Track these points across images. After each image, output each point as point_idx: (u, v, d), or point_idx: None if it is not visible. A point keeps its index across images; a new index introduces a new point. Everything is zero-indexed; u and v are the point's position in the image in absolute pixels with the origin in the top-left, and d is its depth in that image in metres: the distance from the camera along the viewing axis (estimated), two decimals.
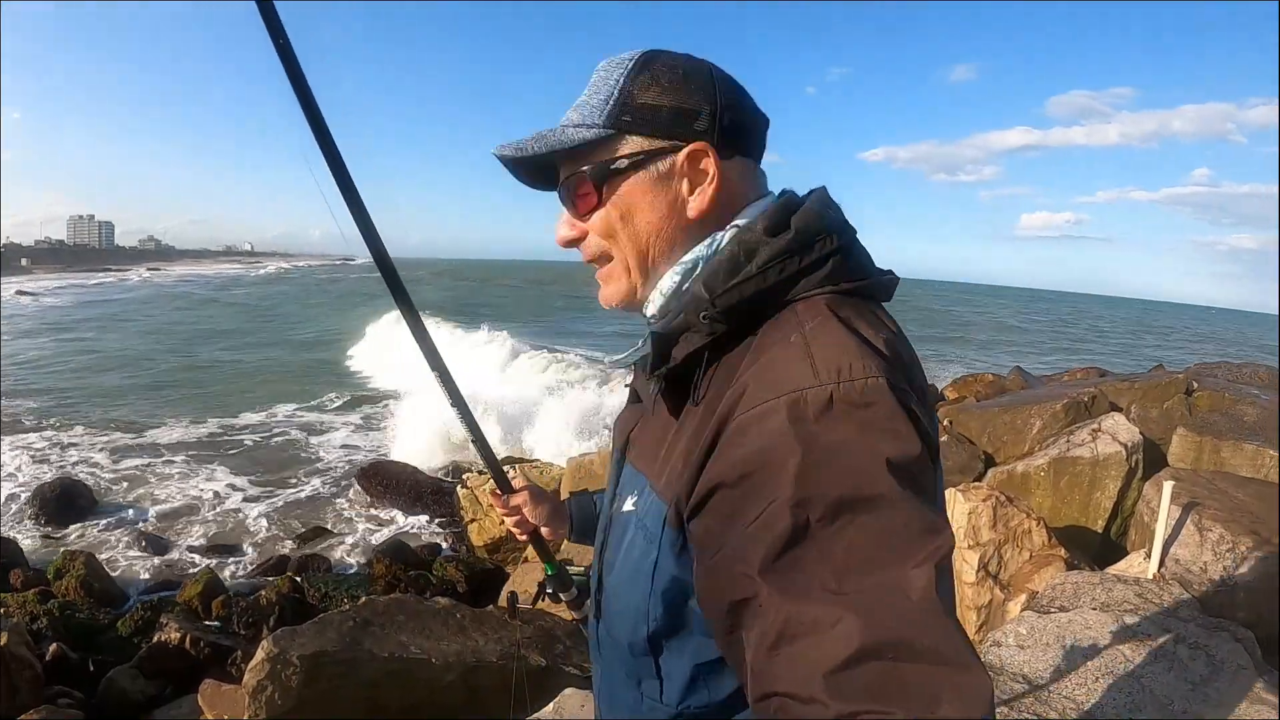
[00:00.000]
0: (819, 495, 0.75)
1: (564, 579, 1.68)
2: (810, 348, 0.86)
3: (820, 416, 0.79)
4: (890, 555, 0.72)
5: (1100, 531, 6.13)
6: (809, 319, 0.90)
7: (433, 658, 4.81)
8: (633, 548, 1.05)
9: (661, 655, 1.03)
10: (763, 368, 0.88)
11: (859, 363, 0.83)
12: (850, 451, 0.77)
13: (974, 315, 74.84)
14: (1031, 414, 7.52)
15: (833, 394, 0.80)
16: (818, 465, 0.77)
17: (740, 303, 0.94)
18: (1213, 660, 3.52)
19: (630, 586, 1.04)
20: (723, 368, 0.96)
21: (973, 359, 32.94)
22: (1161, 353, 37.53)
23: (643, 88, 1.01)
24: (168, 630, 6.50)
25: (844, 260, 0.97)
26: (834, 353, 0.84)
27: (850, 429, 0.78)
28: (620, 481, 1.18)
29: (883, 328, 0.92)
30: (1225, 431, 6.40)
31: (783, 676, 0.70)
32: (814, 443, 0.78)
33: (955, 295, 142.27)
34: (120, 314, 43.65)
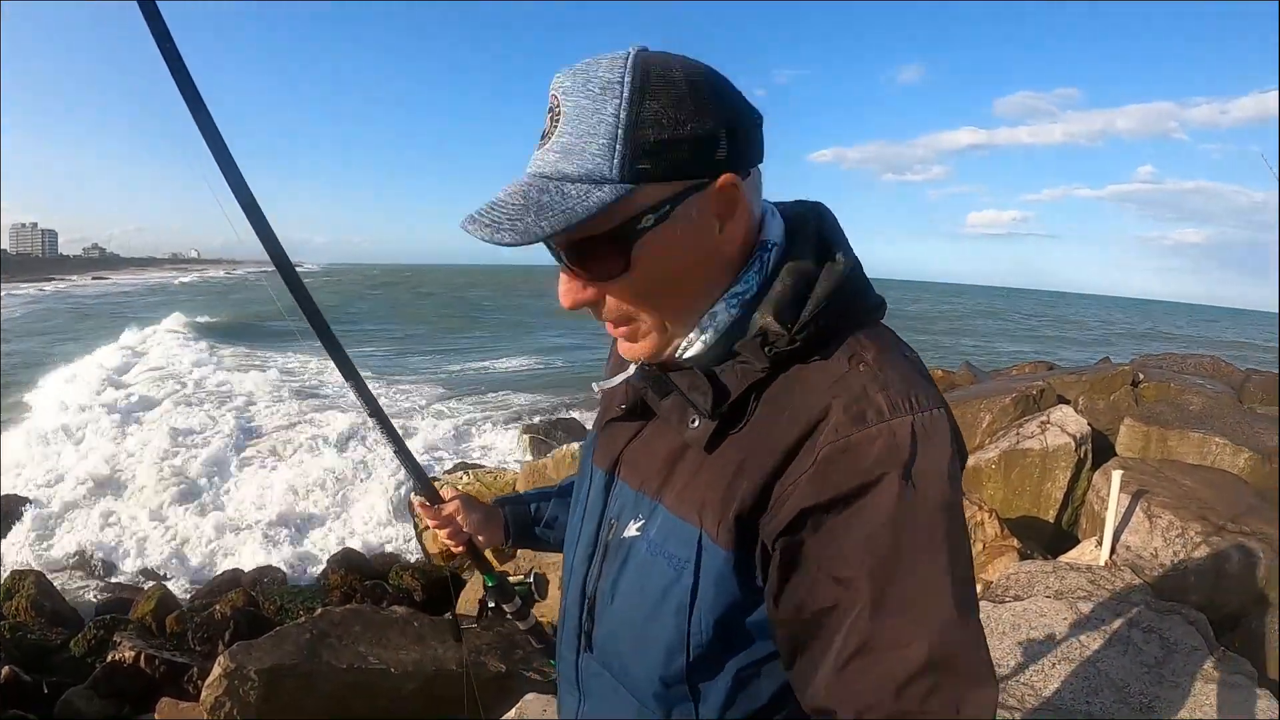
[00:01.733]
0: (914, 523, 0.82)
1: (505, 589, 1.65)
2: (883, 378, 0.88)
3: (908, 447, 0.84)
4: (956, 585, 0.81)
5: (1052, 521, 6.22)
6: (865, 350, 0.92)
7: (392, 667, 4.75)
8: (650, 577, 0.98)
9: (697, 678, 0.98)
10: (842, 398, 0.88)
11: (923, 394, 0.89)
12: (934, 483, 0.84)
13: (922, 312, 75.70)
14: (981, 408, 7.62)
15: (914, 425, 0.85)
16: (912, 495, 0.83)
17: (814, 335, 0.91)
18: (1166, 643, 3.59)
19: (653, 620, 0.98)
20: (773, 392, 0.93)
21: (922, 355, 33.36)
22: (1109, 347, 38.16)
23: (652, 121, 0.85)
24: (122, 649, 6.35)
25: (869, 289, 0.99)
26: (903, 384, 0.88)
27: (932, 461, 0.85)
28: (612, 504, 1.10)
29: (909, 349, 0.98)
30: (1172, 421, 6.53)
31: (856, 686, 0.81)
32: (907, 472, 0.83)
33: (904, 293, 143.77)
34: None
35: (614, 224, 0.87)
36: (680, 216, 0.89)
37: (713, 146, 0.87)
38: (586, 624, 1.08)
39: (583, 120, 0.86)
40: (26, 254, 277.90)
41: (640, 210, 0.87)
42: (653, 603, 0.98)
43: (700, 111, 0.86)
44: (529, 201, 0.86)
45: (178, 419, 15.63)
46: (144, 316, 37.14)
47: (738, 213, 0.92)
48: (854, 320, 0.94)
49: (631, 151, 0.84)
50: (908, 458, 0.83)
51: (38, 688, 6.12)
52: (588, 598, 1.09)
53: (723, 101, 0.88)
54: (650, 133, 0.84)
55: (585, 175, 0.85)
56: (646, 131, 0.84)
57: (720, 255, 0.94)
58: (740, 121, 0.90)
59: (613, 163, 0.84)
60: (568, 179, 0.86)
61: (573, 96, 0.86)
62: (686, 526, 0.95)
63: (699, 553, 0.93)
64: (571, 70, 0.88)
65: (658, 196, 0.87)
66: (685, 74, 0.87)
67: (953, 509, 0.84)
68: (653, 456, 1.04)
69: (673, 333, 0.97)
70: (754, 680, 0.98)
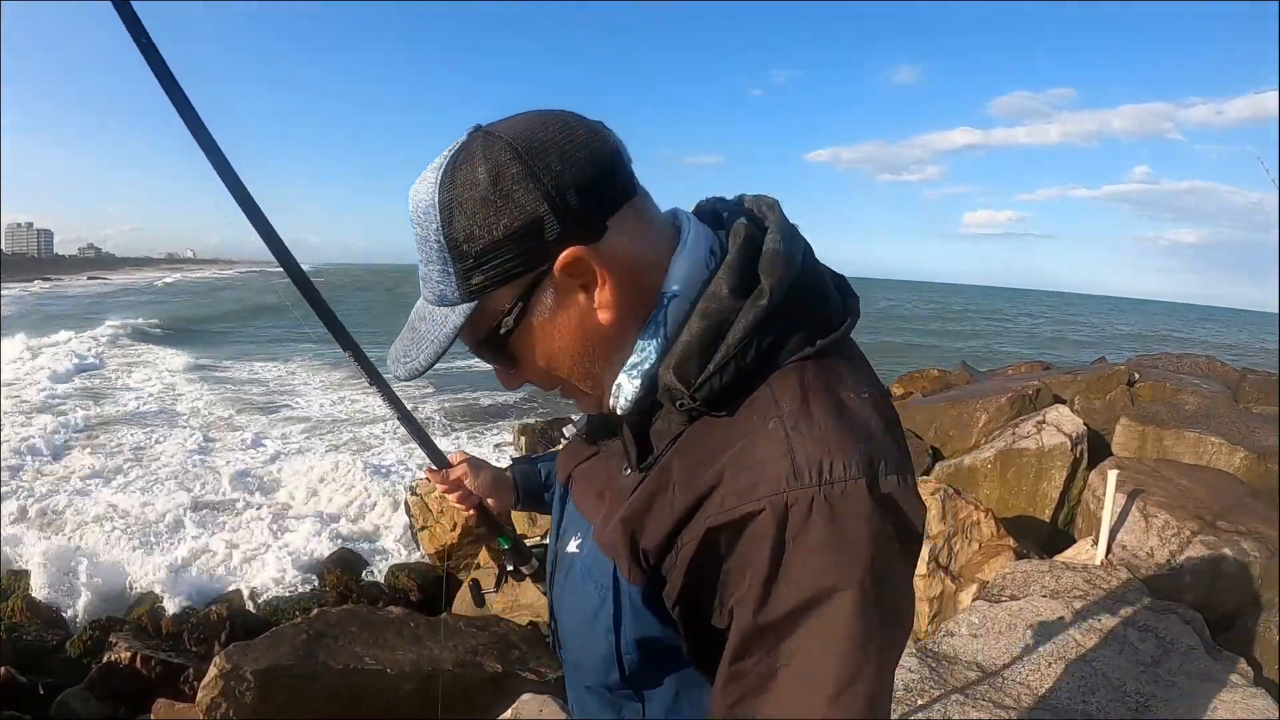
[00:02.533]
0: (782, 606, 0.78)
1: (521, 551, 1.63)
2: (790, 440, 0.81)
3: (799, 524, 0.78)
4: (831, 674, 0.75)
5: (1048, 521, 6.23)
6: (785, 398, 0.84)
7: (388, 668, 4.75)
8: (584, 595, 1.01)
9: (641, 685, 1.02)
10: (740, 461, 0.83)
11: (839, 460, 0.79)
12: (821, 566, 0.77)
13: (919, 312, 75.76)
14: (977, 408, 7.63)
15: (814, 499, 0.77)
16: (788, 578, 0.78)
17: (721, 389, 0.86)
18: (1162, 642, 3.59)
19: (590, 634, 1.01)
20: (687, 440, 0.90)
21: (918, 355, 33.34)
22: (1103, 347, 38.21)
23: (466, 235, 0.84)
24: (118, 650, 6.33)
25: (819, 308, 0.90)
26: (815, 449, 0.80)
27: (825, 538, 0.77)
28: (564, 519, 1.14)
29: (860, 386, 0.88)
30: (1167, 420, 6.54)
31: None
32: (789, 554, 0.78)
33: (900, 293, 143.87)
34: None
35: (482, 334, 0.90)
36: (537, 309, 0.88)
37: (537, 233, 0.83)
38: (554, 625, 1.15)
39: (422, 248, 0.88)
40: (22, 254, 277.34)
41: (496, 318, 0.89)
42: (587, 620, 1.00)
43: (509, 205, 0.83)
44: (414, 334, 0.93)
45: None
46: (94, 317, 36.95)
47: (601, 279, 0.86)
48: (790, 353, 0.87)
49: (461, 271, 0.86)
50: (791, 536, 0.78)
51: (34, 688, 6.10)
52: (552, 602, 1.15)
53: (538, 177, 0.82)
54: (467, 247, 0.84)
55: (439, 299, 0.90)
56: (464, 247, 0.84)
57: (603, 325, 0.89)
58: (569, 184, 0.83)
59: (452, 285, 0.87)
60: (431, 304, 0.91)
61: (413, 222, 0.88)
62: (605, 559, 0.96)
63: (615, 584, 0.95)
64: (413, 187, 0.89)
65: (507, 300, 0.87)
66: (489, 168, 0.83)
67: (857, 599, 0.76)
68: (594, 483, 1.06)
69: (597, 393, 0.96)
70: (697, 688, 1.00)
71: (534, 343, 0.91)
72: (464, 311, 0.88)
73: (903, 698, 3.14)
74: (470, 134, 0.87)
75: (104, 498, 10.97)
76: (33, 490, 11.16)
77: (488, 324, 0.89)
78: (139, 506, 10.61)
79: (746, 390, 0.86)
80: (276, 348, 29.37)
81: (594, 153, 0.85)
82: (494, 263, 0.84)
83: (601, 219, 0.86)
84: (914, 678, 3.27)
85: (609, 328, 0.89)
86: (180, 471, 12.43)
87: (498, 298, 0.87)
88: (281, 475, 12.47)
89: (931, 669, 3.34)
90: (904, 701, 3.12)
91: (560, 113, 0.88)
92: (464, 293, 0.87)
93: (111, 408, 17.34)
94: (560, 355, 0.92)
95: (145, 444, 14.01)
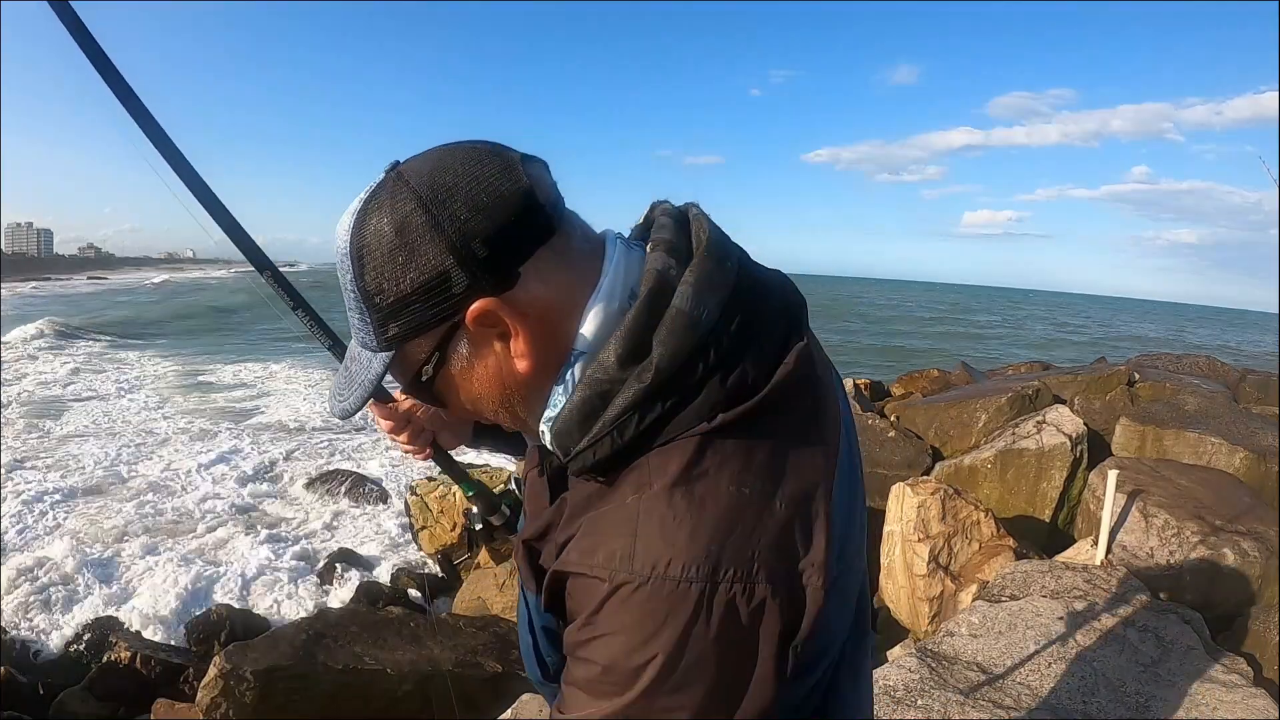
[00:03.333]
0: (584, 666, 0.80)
1: (489, 499, 1.49)
2: (638, 526, 0.78)
3: (618, 605, 0.77)
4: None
5: (1048, 521, 6.23)
6: (659, 476, 0.80)
7: (388, 668, 4.75)
8: (524, 597, 1.05)
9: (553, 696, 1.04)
10: (592, 527, 0.83)
11: (680, 560, 0.75)
12: (621, 648, 0.76)
13: (919, 312, 75.75)
14: (977, 408, 7.62)
15: (638, 587, 0.76)
16: (595, 644, 0.78)
17: (595, 463, 0.83)
18: (1162, 642, 3.59)
19: (521, 629, 1.08)
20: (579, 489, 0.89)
21: (918, 355, 33.31)
22: (1103, 347, 38.19)
23: (376, 288, 0.83)
24: (118, 649, 6.35)
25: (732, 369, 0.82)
26: (659, 542, 0.77)
27: (636, 624, 0.76)
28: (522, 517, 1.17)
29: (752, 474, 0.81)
30: (1167, 420, 6.54)
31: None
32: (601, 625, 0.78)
33: (900, 293, 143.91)
34: None
35: (406, 380, 0.92)
36: (453, 359, 0.88)
37: (444, 285, 0.81)
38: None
39: (344, 294, 0.88)
40: (21, 254, 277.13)
41: (416, 365, 0.89)
42: (521, 618, 1.07)
43: (414, 259, 0.81)
44: (345, 376, 0.96)
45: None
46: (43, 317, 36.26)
47: (515, 330, 0.84)
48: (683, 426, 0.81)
49: (376, 321, 0.86)
50: (598, 609, 0.78)
51: (33, 688, 6.10)
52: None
53: (442, 229, 0.80)
54: (379, 299, 0.84)
55: (363, 344, 0.91)
56: (376, 300, 0.84)
57: (521, 373, 0.87)
58: (474, 233, 0.80)
59: (370, 334, 0.88)
60: (358, 348, 0.93)
61: (339, 266, 0.86)
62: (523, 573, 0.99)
63: (528, 602, 1.01)
64: (335, 229, 0.87)
65: (425, 349, 0.87)
66: (393, 219, 0.81)
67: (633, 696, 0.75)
68: (533, 495, 1.06)
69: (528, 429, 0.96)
70: None
71: (455, 389, 0.92)
72: (384, 360, 0.89)
73: (903, 698, 3.14)
74: (386, 173, 0.85)
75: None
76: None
77: (410, 370, 0.90)
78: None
79: (630, 459, 0.83)
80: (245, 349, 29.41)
81: (504, 197, 0.81)
82: (405, 315, 0.84)
83: (512, 266, 0.83)
84: (914, 678, 3.27)
85: (527, 375, 0.87)
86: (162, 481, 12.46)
87: (415, 347, 0.87)
88: (280, 476, 12.48)
89: (931, 669, 3.34)
90: (904, 701, 3.12)
91: (474, 149, 0.85)
92: (380, 342, 0.88)
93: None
94: (482, 400, 0.92)
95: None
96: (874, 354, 35.07)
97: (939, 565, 5.02)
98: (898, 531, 5.31)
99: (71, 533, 9.83)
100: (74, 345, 30.09)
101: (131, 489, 11.71)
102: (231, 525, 10.47)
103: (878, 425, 7.66)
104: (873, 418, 7.96)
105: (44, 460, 12.96)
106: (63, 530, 9.95)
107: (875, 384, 11.51)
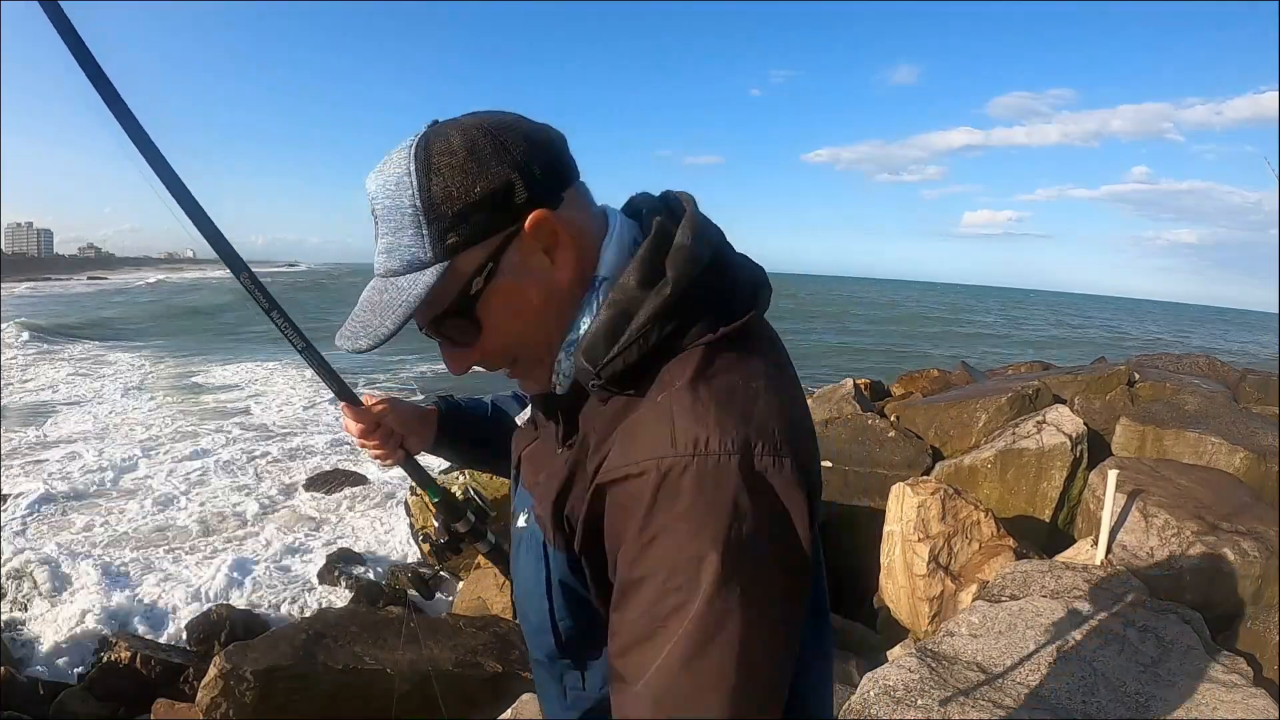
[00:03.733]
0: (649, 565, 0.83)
1: (453, 506, 1.53)
2: (673, 414, 0.87)
3: (671, 490, 0.82)
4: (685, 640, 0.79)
5: (1048, 521, 6.23)
6: (679, 377, 0.90)
7: (388, 668, 4.75)
8: (528, 564, 1.08)
9: (578, 653, 1.08)
10: (629, 432, 0.90)
11: (715, 436, 0.84)
12: (686, 532, 0.81)
13: (919, 312, 75.77)
14: (977, 408, 7.62)
15: (686, 468, 0.82)
16: (656, 539, 0.82)
17: (624, 371, 0.92)
18: (1162, 642, 3.59)
19: (533, 600, 1.07)
20: (601, 417, 0.97)
21: (918, 354, 33.31)
22: (1103, 347, 38.17)
23: (444, 196, 0.91)
24: (118, 649, 6.35)
25: (722, 301, 0.96)
26: (693, 423, 0.85)
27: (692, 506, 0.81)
28: (517, 497, 1.20)
29: (756, 374, 0.93)
30: (1167, 420, 6.54)
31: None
32: (659, 517, 0.82)
33: (900, 293, 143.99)
34: None
35: (452, 297, 0.95)
36: (506, 268, 0.94)
37: (509, 195, 0.92)
38: (514, 601, 1.19)
39: (391, 219, 0.93)
40: (21, 254, 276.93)
41: (467, 277, 0.94)
42: (530, 587, 1.07)
43: (485, 170, 0.91)
44: (373, 305, 0.96)
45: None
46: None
47: (562, 240, 0.95)
48: (692, 339, 0.93)
49: (437, 231, 0.92)
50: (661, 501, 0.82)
51: (33, 688, 6.10)
52: (513, 579, 1.19)
53: (508, 149, 0.92)
54: (445, 207, 0.91)
55: (408, 265, 0.94)
56: (442, 207, 0.91)
57: (559, 288, 0.97)
58: (534, 158, 0.93)
59: (425, 247, 0.92)
60: (395, 274, 0.95)
61: (380, 199, 0.94)
62: (538, 530, 1.04)
63: (546, 553, 1.03)
64: (375, 171, 0.95)
65: (478, 259, 0.93)
66: (463, 139, 0.92)
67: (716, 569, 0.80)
68: (537, 463, 1.12)
69: (551, 359, 1.01)
70: None
71: (501, 304, 0.96)
72: (436, 271, 0.93)
73: (903, 698, 3.14)
74: (430, 125, 0.96)
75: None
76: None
77: (457, 284, 0.94)
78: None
79: (650, 371, 0.93)
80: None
81: (548, 137, 0.97)
82: (469, 222, 0.91)
83: (559, 191, 0.96)
84: (914, 678, 3.27)
85: (565, 290, 0.97)
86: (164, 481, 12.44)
87: (468, 259, 0.93)
88: (280, 476, 12.48)
89: (931, 669, 3.34)
90: (904, 701, 3.12)
91: (508, 111, 0.99)
92: (437, 253, 0.92)
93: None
94: (524, 315, 0.98)
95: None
96: (874, 354, 35.09)
97: (939, 565, 5.02)
98: (898, 531, 5.31)
99: (71, 533, 9.84)
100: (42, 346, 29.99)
101: (130, 490, 11.73)
102: (232, 525, 10.49)
103: (878, 425, 7.66)
104: (873, 418, 7.96)
105: (41, 461, 12.97)
106: (63, 531, 9.96)
107: (875, 384, 11.53)
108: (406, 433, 1.49)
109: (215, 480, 12.30)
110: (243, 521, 10.65)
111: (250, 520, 10.70)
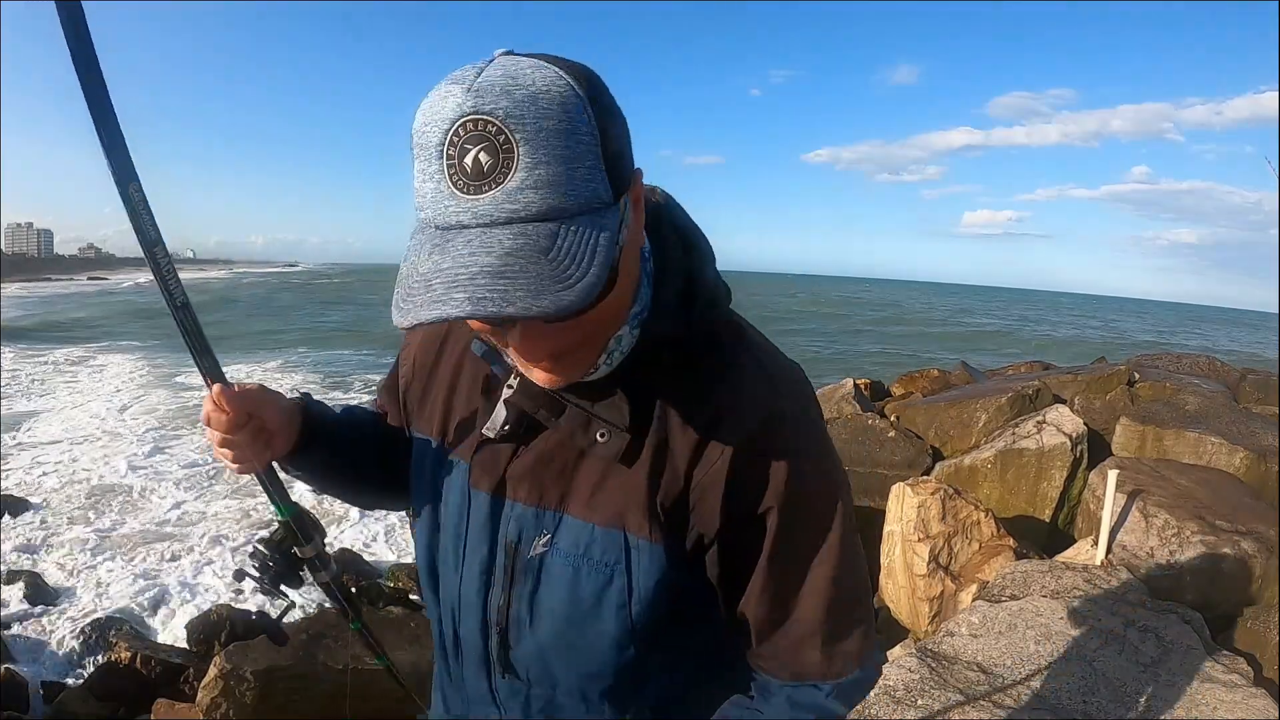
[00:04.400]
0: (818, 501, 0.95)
1: (304, 527, 1.23)
2: (763, 365, 0.96)
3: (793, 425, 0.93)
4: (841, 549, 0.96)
5: (1048, 521, 6.23)
6: (736, 338, 0.98)
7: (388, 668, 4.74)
8: (579, 586, 0.95)
9: (647, 666, 1.01)
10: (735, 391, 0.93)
11: (790, 368, 0.99)
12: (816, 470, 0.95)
13: (919, 312, 75.73)
14: (977, 408, 7.61)
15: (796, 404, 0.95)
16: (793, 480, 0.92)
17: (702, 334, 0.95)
18: (1162, 642, 3.59)
19: (592, 623, 0.96)
20: (671, 391, 0.94)
21: (918, 355, 33.30)
22: (1103, 348, 38.14)
23: (612, 134, 0.77)
24: (118, 649, 6.35)
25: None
26: (777, 367, 0.97)
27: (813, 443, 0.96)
28: (505, 526, 1.01)
29: (769, 344, 1.03)
30: (1168, 420, 6.54)
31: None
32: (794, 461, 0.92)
33: (901, 292, 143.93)
34: None
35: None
36: (627, 225, 0.82)
37: (630, 145, 0.82)
38: (499, 650, 1.04)
39: (557, 145, 0.71)
40: (21, 254, 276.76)
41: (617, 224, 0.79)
42: (587, 609, 0.96)
43: (618, 112, 0.80)
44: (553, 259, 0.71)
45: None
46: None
47: (640, 201, 0.86)
48: (722, 309, 0.99)
49: (610, 168, 0.76)
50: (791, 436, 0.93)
51: (33, 688, 6.10)
52: (496, 625, 1.03)
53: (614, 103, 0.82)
54: (612, 145, 0.77)
55: (585, 205, 0.74)
56: (611, 145, 0.76)
57: (641, 246, 0.91)
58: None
59: (604, 182, 0.76)
60: (569, 214, 0.73)
61: (529, 123, 0.70)
62: (608, 532, 0.94)
63: (627, 553, 0.94)
64: (500, 92, 0.71)
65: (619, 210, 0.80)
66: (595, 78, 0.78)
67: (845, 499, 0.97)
68: (547, 471, 0.98)
69: (600, 348, 0.89)
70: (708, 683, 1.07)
71: (624, 263, 0.83)
72: (616, 213, 0.78)
73: (903, 698, 3.13)
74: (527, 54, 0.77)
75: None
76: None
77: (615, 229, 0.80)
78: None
79: (711, 340, 0.96)
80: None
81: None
82: (621, 165, 0.79)
83: None
84: (914, 678, 3.27)
85: (639, 249, 0.92)
86: None
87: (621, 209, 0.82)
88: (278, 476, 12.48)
89: (931, 669, 3.34)
90: (904, 701, 3.11)
91: None
92: (617, 190, 0.78)
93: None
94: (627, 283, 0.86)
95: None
96: (874, 354, 35.08)
97: (939, 565, 5.02)
98: (898, 531, 5.31)
99: (71, 534, 9.83)
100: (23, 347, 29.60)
101: (131, 490, 11.71)
102: (232, 525, 10.48)
103: (878, 425, 7.65)
104: (873, 418, 7.95)
105: (40, 462, 12.96)
106: (63, 531, 9.95)
107: (875, 384, 11.51)
108: (275, 431, 1.14)
109: (215, 480, 12.30)
110: (243, 521, 10.64)
111: (250, 520, 10.69)
